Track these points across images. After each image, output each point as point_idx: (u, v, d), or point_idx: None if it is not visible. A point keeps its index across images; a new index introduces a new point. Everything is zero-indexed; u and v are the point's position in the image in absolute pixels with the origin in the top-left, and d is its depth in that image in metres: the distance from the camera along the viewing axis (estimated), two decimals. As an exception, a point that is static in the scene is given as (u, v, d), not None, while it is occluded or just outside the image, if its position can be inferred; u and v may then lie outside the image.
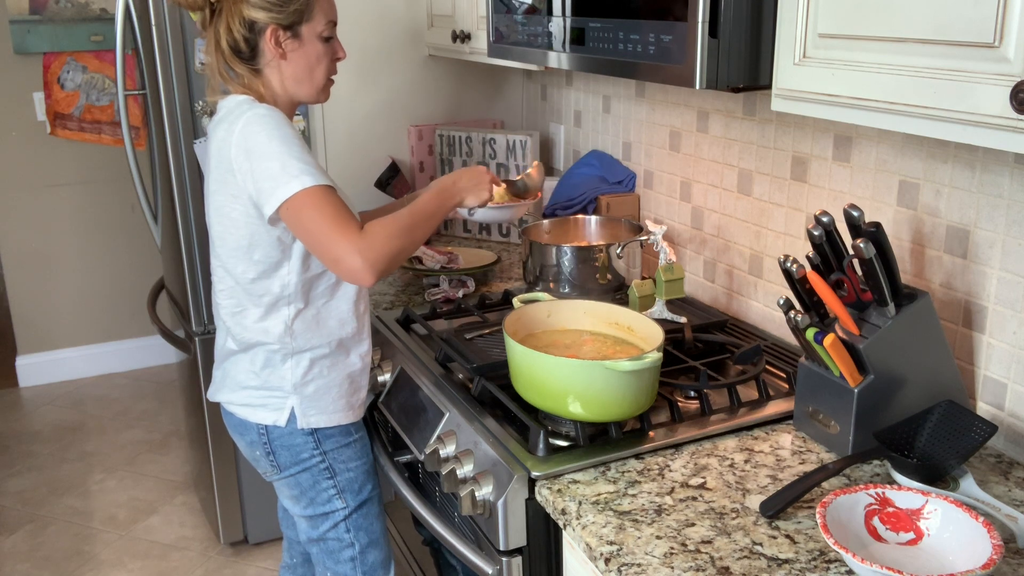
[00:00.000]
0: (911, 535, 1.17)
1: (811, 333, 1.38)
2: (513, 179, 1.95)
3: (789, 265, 1.41)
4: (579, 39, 1.65)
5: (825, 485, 1.32)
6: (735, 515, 1.26)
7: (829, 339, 1.34)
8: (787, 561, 1.16)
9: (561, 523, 1.31)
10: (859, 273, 1.38)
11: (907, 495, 1.19)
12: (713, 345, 1.81)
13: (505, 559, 1.43)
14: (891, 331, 1.36)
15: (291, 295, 1.61)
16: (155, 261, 3.64)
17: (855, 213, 1.35)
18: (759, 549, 1.18)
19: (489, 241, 2.68)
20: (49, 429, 3.78)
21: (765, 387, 1.61)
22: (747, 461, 1.41)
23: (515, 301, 1.68)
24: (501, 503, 1.39)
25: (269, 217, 1.51)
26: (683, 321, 1.88)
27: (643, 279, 1.99)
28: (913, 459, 1.33)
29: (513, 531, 1.41)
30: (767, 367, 1.71)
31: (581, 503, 1.30)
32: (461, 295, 2.17)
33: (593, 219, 2.22)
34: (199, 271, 2.56)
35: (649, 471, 1.39)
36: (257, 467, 1.77)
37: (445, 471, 1.47)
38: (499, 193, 1.86)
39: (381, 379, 1.90)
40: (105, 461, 3.49)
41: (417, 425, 1.70)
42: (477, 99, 2.91)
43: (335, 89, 1.75)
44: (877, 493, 1.20)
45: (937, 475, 1.28)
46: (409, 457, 1.78)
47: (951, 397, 1.40)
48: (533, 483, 1.38)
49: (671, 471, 1.38)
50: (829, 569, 1.14)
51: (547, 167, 2.82)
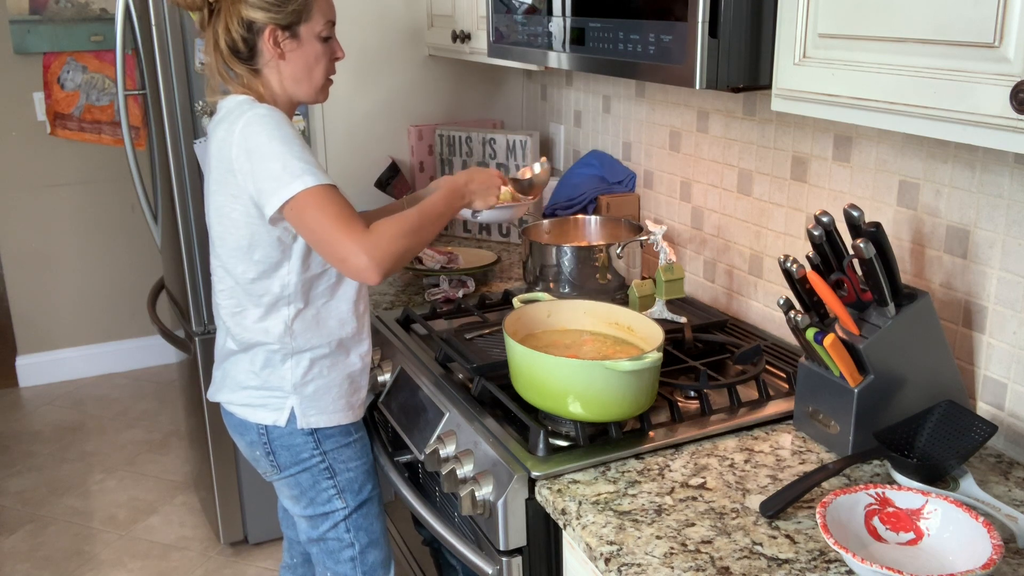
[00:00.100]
0: (911, 535, 1.17)
1: (811, 333, 1.38)
2: (519, 177, 1.94)
3: (789, 265, 1.40)
4: (579, 39, 1.65)
5: (825, 485, 1.32)
6: (735, 515, 1.26)
7: (829, 339, 1.34)
8: (787, 561, 1.16)
9: (561, 523, 1.31)
10: (859, 273, 1.38)
11: (907, 495, 1.19)
12: (713, 345, 1.81)
13: (505, 559, 1.43)
14: (891, 331, 1.36)
15: (291, 295, 1.61)
16: (155, 261, 3.64)
17: (855, 213, 1.35)
18: (759, 549, 1.18)
19: (489, 241, 2.68)
20: (49, 429, 3.78)
21: (765, 387, 1.61)
22: (747, 461, 1.41)
23: (515, 301, 1.68)
24: (501, 503, 1.39)
25: (270, 217, 1.51)
26: (683, 321, 1.88)
27: (643, 279, 1.99)
28: (913, 459, 1.33)
29: (513, 531, 1.41)
30: (767, 367, 1.71)
31: (581, 503, 1.30)
32: (461, 295, 2.17)
33: (593, 219, 2.22)
34: (199, 271, 2.56)
35: (649, 471, 1.39)
36: (257, 467, 1.77)
37: (445, 471, 1.47)
38: (505, 193, 1.85)
39: (381, 379, 1.90)
40: (105, 461, 3.49)
41: (417, 425, 1.70)
42: (477, 99, 2.91)
43: (335, 89, 1.75)
44: (877, 493, 1.20)
45: (937, 475, 1.28)
46: (409, 457, 1.78)
47: (951, 397, 1.40)
48: (533, 483, 1.38)
49: (671, 471, 1.38)
50: (829, 569, 1.14)
51: (547, 167, 2.82)
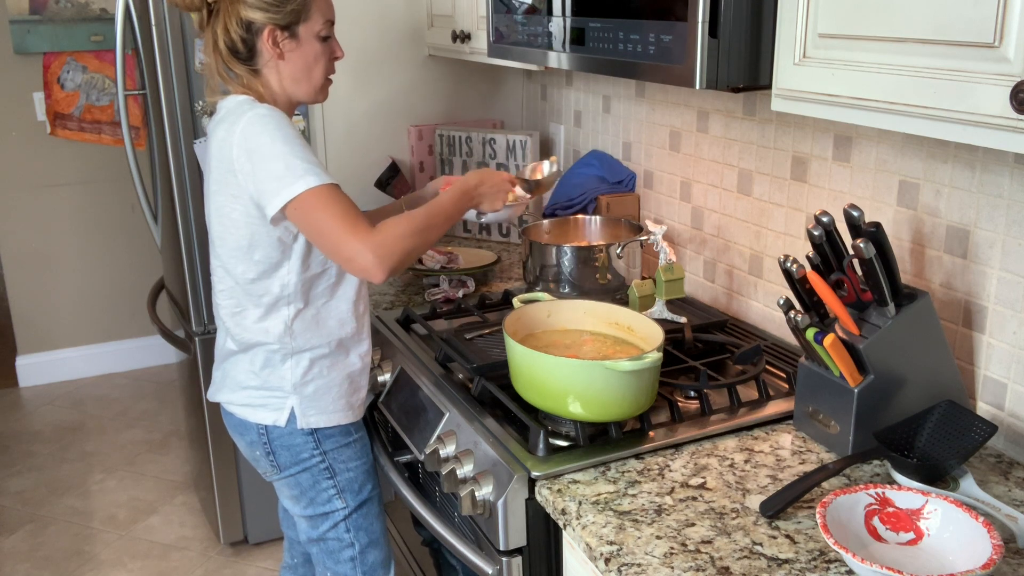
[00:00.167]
0: (911, 535, 1.17)
1: (811, 333, 1.38)
2: (529, 178, 1.94)
3: (789, 265, 1.40)
4: (579, 39, 1.65)
5: (825, 485, 1.32)
6: (735, 515, 1.26)
7: (829, 339, 1.34)
8: (787, 561, 1.16)
9: (561, 523, 1.31)
10: (859, 273, 1.38)
11: (907, 495, 1.19)
12: (713, 345, 1.81)
13: (505, 559, 1.43)
14: (891, 331, 1.36)
15: (291, 295, 1.61)
16: (155, 261, 3.65)
17: (855, 213, 1.35)
18: (759, 549, 1.18)
19: (489, 241, 2.68)
20: (49, 429, 3.78)
21: (765, 387, 1.61)
22: (747, 461, 1.41)
23: (515, 301, 1.68)
24: (501, 503, 1.39)
25: (272, 217, 1.51)
26: (683, 321, 1.88)
27: (643, 279, 1.99)
28: (913, 459, 1.33)
29: (513, 531, 1.41)
30: (767, 367, 1.71)
31: (581, 503, 1.30)
32: (461, 295, 2.17)
33: (593, 219, 2.22)
34: (199, 271, 2.56)
35: (649, 471, 1.39)
36: (257, 467, 1.77)
37: (445, 471, 1.47)
38: (511, 195, 1.85)
39: (381, 379, 1.90)
40: (105, 461, 3.49)
41: (417, 425, 1.70)
42: (477, 99, 2.91)
43: (335, 89, 1.75)
44: (877, 493, 1.20)
45: (937, 475, 1.28)
46: (409, 457, 1.78)
47: (951, 397, 1.40)
48: (533, 483, 1.38)
49: (671, 471, 1.38)
50: (829, 569, 1.14)
51: (547, 167, 2.82)
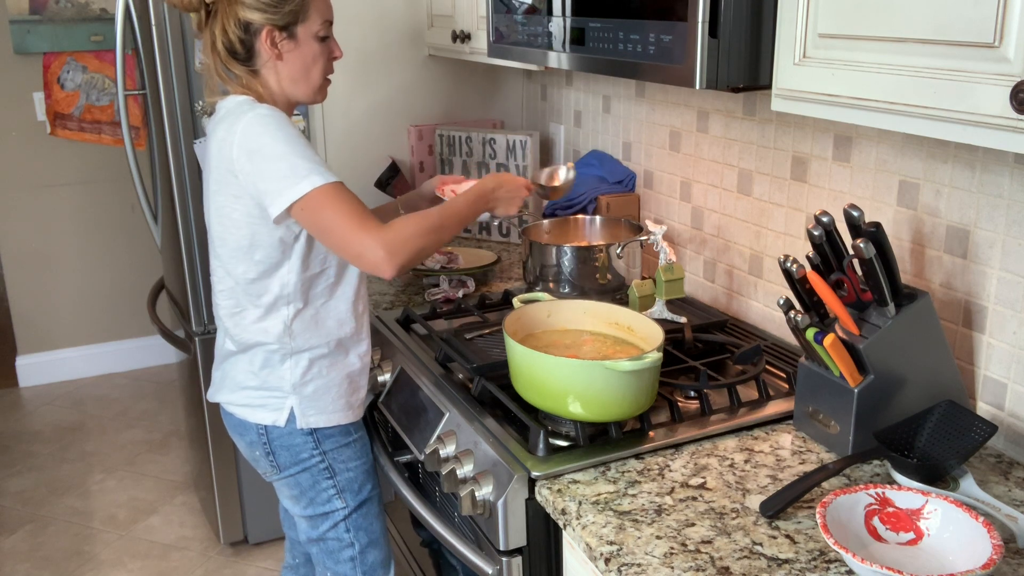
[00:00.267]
0: (911, 535, 1.17)
1: (811, 333, 1.38)
2: (545, 184, 1.93)
3: (789, 265, 1.40)
4: (579, 39, 1.65)
5: (825, 485, 1.32)
6: (735, 515, 1.26)
7: (829, 339, 1.34)
8: (787, 561, 1.16)
9: (561, 523, 1.31)
10: (859, 273, 1.38)
11: (907, 495, 1.19)
12: (713, 345, 1.81)
13: (505, 559, 1.43)
14: (891, 331, 1.36)
15: (290, 294, 1.61)
16: (155, 261, 3.64)
17: (855, 213, 1.35)
18: (759, 549, 1.18)
19: (489, 241, 2.68)
20: (49, 429, 3.78)
21: (765, 387, 1.61)
22: (747, 461, 1.41)
23: (515, 301, 1.68)
24: (501, 503, 1.39)
25: (275, 217, 1.51)
26: (683, 321, 1.88)
27: (643, 279, 1.99)
28: (913, 459, 1.33)
29: (513, 531, 1.41)
30: (767, 367, 1.71)
31: (581, 503, 1.30)
32: (461, 295, 2.17)
33: (593, 219, 2.22)
34: (199, 271, 2.56)
35: (649, 471, 1.39)
36: (257, 467, 1.77)
37: (445, 471, 1.47)
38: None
39: (381, 379, 1.90)
40: (105, 461, 3.49)
41: (417, 425, 1.70)
42: (477, 99, 2.91)
43: (335, 89, 1.75)
44: (877, 493, 1.20)
45: (937, 475, 1.28)
46: (409, 457, 1.78)
47: (951, 397, 1.39)
48: (533, 483, 1.38)
49: (671, 471, 1.38)
50: (829, 569, 1.14)
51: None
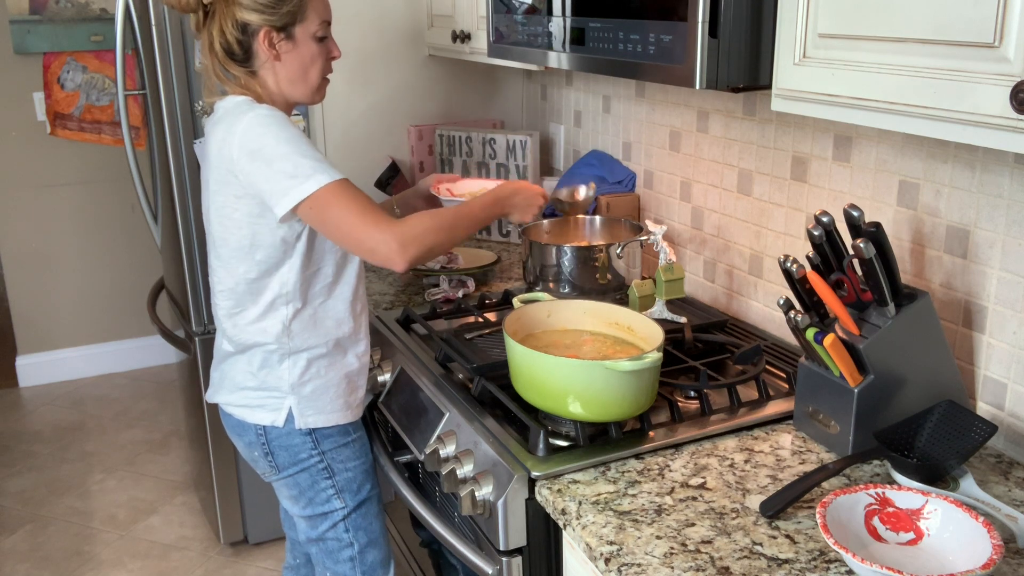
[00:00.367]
0: (911, 535, 1.17)
1: (811, 333, 1.38)
2: (563, 199, 1.94)
3: (789, 265, 1.40)
4: (579, 39, 1.65)
5: (825, 485, 1.32)
6: (735, 515, 1.26)
7: (829, 339, 1.34)
8: (787, 561, 1.16)
9: (561, 523, 1.31)
10: (859, 273, 1.38)
11: (907, 495, 1.19)
12: (713, 345, 1.81)
13: (505, 559, 1.43)
14: (891, 331, 1.36)
15: (289, 294, 1.61)
16: (155, 261, 3.64)
17: (855, 213, 1.35)
18: (759, 549, 1.18)
19: (489, 241, 2.68)
20: (49, 429, 3.78)
21: (765, 387, 1.61)
22: (747, 461, 1.41)
23: (515, 301, 1.68)
24: (501, 503, 1.39)
25: (281, 216, 1.50)
26: (683, 321, 1.88)
27: (643, 279, 1.99)
28: (913, 459, 1.33)
29: (513, 531, 1.41)
30: (767, 367, 1.71)
31: (581, 503, 1.30)
32: (461, 295, 2.17)
33: (593, 219, 2.21)
34: (199, 271, 2.56)
35: (649, 471, 1.39)
36: (256, 468, 1.77)
37: (445, 471, 1.47)
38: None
39: (381, 379, 1.90)
40: (105, 461, 3.49)
41: (417, 425, 1.70)
42: (477, 99, 2.91)
43: (335, 89, 1.75)
44: (877, 493, 1.20)
45: (937, 475, 1.28)
46: (409, 457, 1.78)
47: (951, 397, 1.39)
48: (533, 483, 1.38)
49: (671, 471, 1.38)
50: (829, 569, 1.14)
51: (547, 167, 2.82)
